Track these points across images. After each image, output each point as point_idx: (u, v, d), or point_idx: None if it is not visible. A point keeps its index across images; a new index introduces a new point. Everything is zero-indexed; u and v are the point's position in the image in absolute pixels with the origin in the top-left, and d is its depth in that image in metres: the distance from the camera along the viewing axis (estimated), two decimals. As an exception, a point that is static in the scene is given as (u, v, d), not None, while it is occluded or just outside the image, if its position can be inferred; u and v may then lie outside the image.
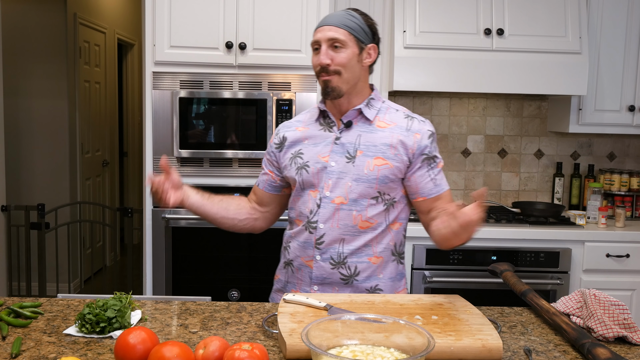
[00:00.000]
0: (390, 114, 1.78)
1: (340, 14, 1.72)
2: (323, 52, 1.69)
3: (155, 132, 2.97)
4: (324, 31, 1.70)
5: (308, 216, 1.75)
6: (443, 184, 1.76)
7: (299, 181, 1.77)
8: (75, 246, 4.54)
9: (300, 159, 1.78)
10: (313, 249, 1.74)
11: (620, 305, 1.49)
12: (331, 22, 1.70)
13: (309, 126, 1.82)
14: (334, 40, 1.68)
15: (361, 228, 1.73)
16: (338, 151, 1.73)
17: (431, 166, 1.74)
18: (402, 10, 3.07)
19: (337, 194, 1.72)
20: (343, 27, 1.69)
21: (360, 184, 1.71)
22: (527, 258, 2.99)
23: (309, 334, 1.15)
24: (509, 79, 3.06)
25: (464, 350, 1.28)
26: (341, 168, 1.72)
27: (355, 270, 1.74)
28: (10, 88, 4.43)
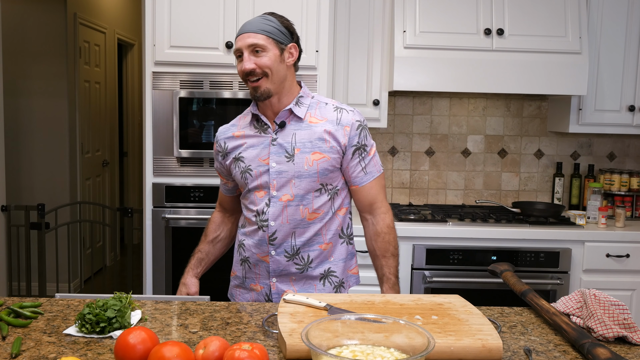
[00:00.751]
0: (320, 109, 1.85)
1: (256, 20, 1.78)
2: (246, 58, 1.76)
3: (155, 132, 2.97)
4: (244, 39, 1.76)
5: (258, 215, 1.84)
6: (374, 170, 1.88)
7: (243, 184, 1.87)
8: (75, 246, 4.54)
9: (242, 163, 1.85)
10: (267, 245, 1.85)
11: (620, 305, 1.49)
12: (249, 29, 1.76)
13: (244, 129, 1.88)
14: (254, 45, 1.74)
15: (309, 220, 1.83)
16: (276, 152, 1.81)
17: (362, 156, 1.84)
18: (402, 10, 3.07)
19: (283, 192, 1.81)
20: (261, 32, 1.75)
21: (303, 179, 1.80)
22: (527, 258, 2.99)
23: (309, 334, 1.15)
24: (509, 79, 3.06)
25: (464, 350, 1.28)
26: (282, 167, 1.80)
27: (308, 259, 1.86)
28: (10, 88, 4.43)
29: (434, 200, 3.63)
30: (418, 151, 3.60)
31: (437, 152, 3.60)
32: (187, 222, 3.00)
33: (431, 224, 3.05)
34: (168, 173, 3.00)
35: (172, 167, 3.00)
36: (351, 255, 1.95)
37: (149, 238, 3.01)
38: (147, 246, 3.03)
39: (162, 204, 3.00)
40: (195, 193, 2.99)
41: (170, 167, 2.99)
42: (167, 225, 2.99)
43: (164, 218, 2.98)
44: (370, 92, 3.22)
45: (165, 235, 2.99)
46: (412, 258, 2.98)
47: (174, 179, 3.00)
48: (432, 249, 2.97)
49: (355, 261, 1.97)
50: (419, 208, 3.37)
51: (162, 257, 3.01)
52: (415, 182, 3.62)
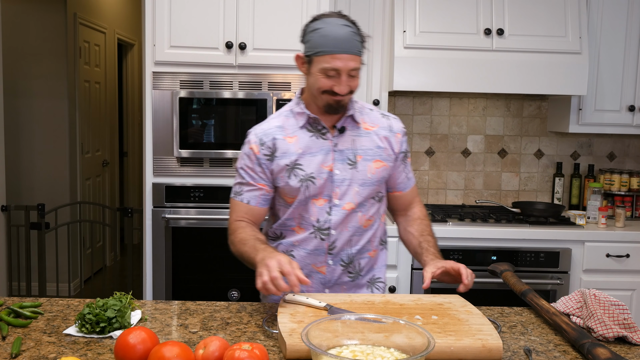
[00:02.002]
0: (369, 115, 1.81)
1: (350, 36, 1.64)
2: (344, 81, 1.64)
3: (155, 132, 2.97)
4: (345, 60, 1.63)
5: (316, 224, 1.75)
6: (412, 177, 1.91)
7: (304, 193, 1.73)
8: (75, 246, 4.53)
9: (301, 171, 1.72)
10: (325, 255, 1.77)
11: (620, 305, 1.49)
12: (349, 49, 1.63)
13: (295, 133, 1.75)
14: (354, 69, 1.65)
15: (364, 227, 1.79)
16: (339, 158, 1.74)
17: (405, 162, 1.86)
18: (402, 10, 3.07)
19: (346, 201, 1.74)
20: (359, 54, 1.66)
21: (366, 187, 1.75)
22: (527, 258, 2.98)
23: (309, 334, 1.15)
24: (509, 79, 3.06)
25: (464, 350, 1.28)
26: (345, 175, 1.74)
27: (359, 267, 1.82)
28: (10, 88, 4.43)
29: (434, 200, 3.63)
30: (418, 151, 3.60)
31: (437, 152, 3.60)
32: (187, 222, 3.00)
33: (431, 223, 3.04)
34: (168, 173, 3.00)
35: (172, 167, 3.00)
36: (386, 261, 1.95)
37: (149, 238, 3.01)
38: (147, 246, 3.02)
39: (162, 204, 3.00)
40: (195, 193, 2.99)
41: (170, 167, 2.99)
42: (167, 225, 2.99)
43: (164, 218, 2.98)
44: (370, 92, 3.22)
45: (165, 235, 2.99)
46: (412, 258, 2.98)
47: (174, 179, 3.00)
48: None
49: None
50: (419, 208, 3.37)
51: (162, 257, 3.01)
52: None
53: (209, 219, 2.98)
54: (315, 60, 1.66)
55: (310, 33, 1.67)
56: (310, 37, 1.67)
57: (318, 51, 1.64)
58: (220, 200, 3.00)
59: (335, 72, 1.64)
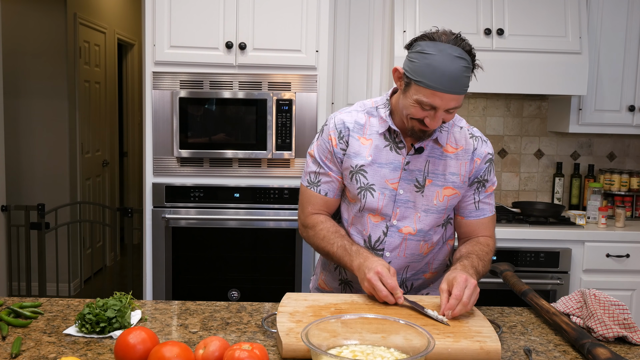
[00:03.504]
0: (455, 134, 1.65)
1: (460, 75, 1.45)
2: (438, 118, 1.49)
3: (155, 132, 2.97)
4: (446, 100, 1.46)
5: (371, 242, 1.67)
6: (486, 209, 1.70)
7: (361, 202, 1.65)
8: (75, 246, 4.54)
9: (363, 178, 1.63)
10: None
11: (620, 305, 1.49)
12: (454, 89, 1.45)
13: (372, 137, 1.64)
14: (453, 108, 1.49)
15: (424, 254, 1.70)
16: (406, 178, 1.62)
17: (479, 190, 1.68)
18: (402, 10, 3.07)
19: (405, 224, 1.64)
20: (463, 93, 1.48)
21: (430, 215, 1.64)
22: (527, 258, 2.98)
23: (309, 334, 1.15)
24: (509, 79, 3.06)
25: (461, 352, 1.28)
26: (409, 197, 1.63)
27: (411, 287, 1.74)
28: (10, 88, 4.43)
29: (434, 200, 3.63)
30: (418, 151, 3.60)
31: (437, 152, 3.60)
32: (187, 222, 3.00)
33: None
34: (168, 173, 3.00)
35: (172, 167, 3.00)
36: None
37: (149, 238, 3.01)
38: (147, 246, 3.02)
39: (162, 204, 3.00)
40: (195, 193, 2.99)
41: (170, 167, 2.99)
42: (167, 225, 2.99)
43: (164, 218, 2.98)
44: (370, 92, 3.22)
45: (165, 235, 2.99)
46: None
47: (174, 179, 3.00)
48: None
49: None
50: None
51: (162, 257, 3.01)
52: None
53: (209, 219, 2.98)
54: (414, 87, 1.48)
55: (417, 53, 1.48)
56: (416, 59, 1.47)
57: (420, 81, 1.46)
58: (220, 200, 3.00)
59: (432, 107, 1.48)
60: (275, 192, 3.01)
